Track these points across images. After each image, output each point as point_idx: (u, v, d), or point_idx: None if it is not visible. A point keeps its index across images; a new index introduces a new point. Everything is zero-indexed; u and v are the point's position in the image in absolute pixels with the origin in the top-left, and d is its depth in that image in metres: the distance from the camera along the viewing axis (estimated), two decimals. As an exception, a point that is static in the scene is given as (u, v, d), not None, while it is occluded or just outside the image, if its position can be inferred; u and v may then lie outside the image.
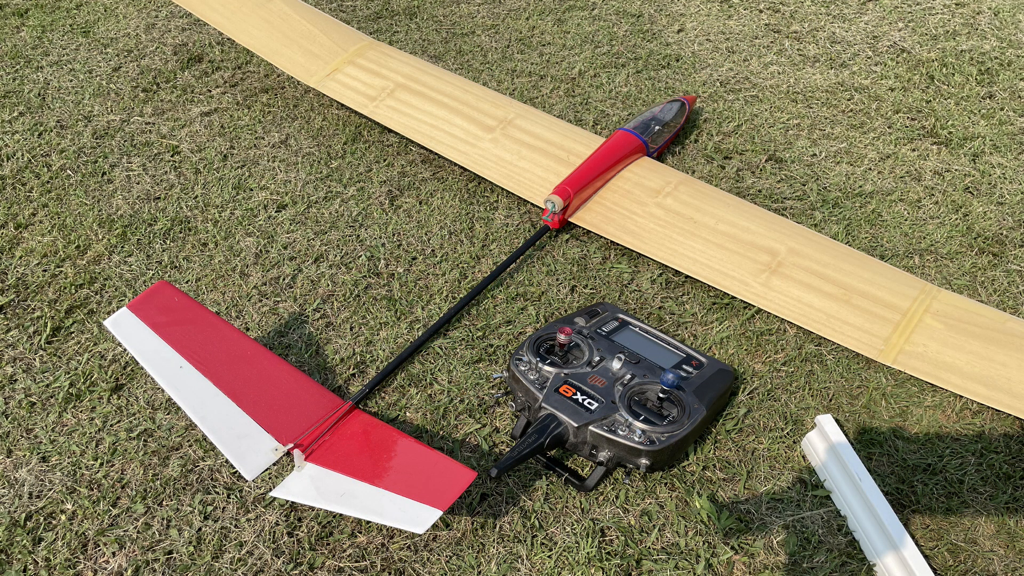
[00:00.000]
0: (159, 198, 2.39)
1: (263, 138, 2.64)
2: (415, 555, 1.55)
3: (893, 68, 3.06)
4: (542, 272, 2.17)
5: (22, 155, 2.54)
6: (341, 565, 1.53)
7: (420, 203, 2.39)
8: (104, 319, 1.95)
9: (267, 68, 2.98)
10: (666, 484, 1.68)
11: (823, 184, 2.51)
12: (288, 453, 1.58)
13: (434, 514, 1.42)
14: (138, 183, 2.44)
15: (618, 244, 2.24)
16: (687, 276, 2.14)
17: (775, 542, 1.59)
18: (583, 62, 3.07)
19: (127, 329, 1.71)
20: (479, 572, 1.53)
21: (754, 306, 2.06)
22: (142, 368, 1.85)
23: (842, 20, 3.37)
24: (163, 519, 1.60)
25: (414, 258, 2.21)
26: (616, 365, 1.75)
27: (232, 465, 1.64)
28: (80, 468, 1.68)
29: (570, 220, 2.27)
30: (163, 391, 1.82)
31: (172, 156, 2.55)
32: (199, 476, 1.67)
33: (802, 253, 2.07)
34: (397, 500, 1.46)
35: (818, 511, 1.64)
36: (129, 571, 1.52)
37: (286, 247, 2.23)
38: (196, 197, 2.39)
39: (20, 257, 2.18)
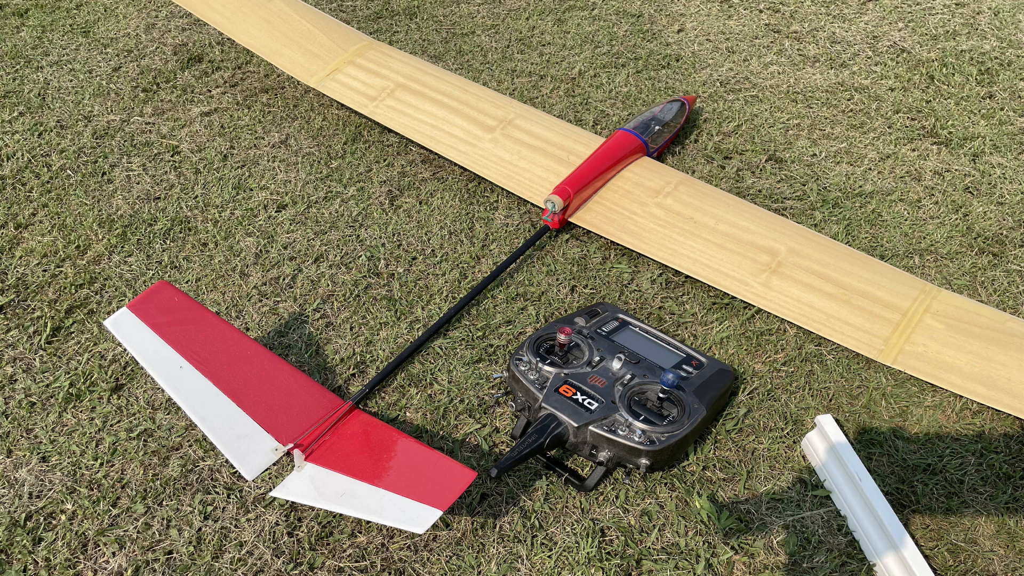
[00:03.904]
0: (159, 198, 2.39)
1: (263, 138, 2.64)
2: (415, 555, 1.55)
3: (893, 68, 3.06)
4: (542, 272, 2.17)
5: (22, 155, 2.54)
6: (341, 565, 1.53)
7: (420, 203, 2.39)
8: (104, 319, 1.95)
9: (267, 68, 2.98)
10: (666, 484, 1.68)
11: (823, 184, 2.51)
12: (288, 453, 1.58)
13: (434, 514, 1.42)
14: (138, 183, 2.44)
15: (618, 244, 2.24)
16: (687, 276, 2.14)
17: (775, 542, 1.59)
18: (583, 62, 3.07)
19: (127, 329, 1.71)
20: (479, 572, 1.53)
21: (754, 306, 2.06)
22: (142, 368, 1.85)
23: (842, 20, 3.37)
24: (163, 519, 1.60)
25: (414, 258, 2.21)
26: (616, 365, 1.75)
27: (232, 465, 1.64)
28: (80, 468, 1.68)
29: (570, 220, 2.27)
30: (163, 391, 1.82)
31: (172, 156, 2.55)
32: (199, 476, 1.67)
33: (802, 253, 2.07)
34: (397, 500, 1.45)
35: (818, 511, 1.64)
36: (129, 571, 1.52)
37: (286, 247, 2.23)
38: (196, 197, 2.39)
39: (20, 257, 2.18)
